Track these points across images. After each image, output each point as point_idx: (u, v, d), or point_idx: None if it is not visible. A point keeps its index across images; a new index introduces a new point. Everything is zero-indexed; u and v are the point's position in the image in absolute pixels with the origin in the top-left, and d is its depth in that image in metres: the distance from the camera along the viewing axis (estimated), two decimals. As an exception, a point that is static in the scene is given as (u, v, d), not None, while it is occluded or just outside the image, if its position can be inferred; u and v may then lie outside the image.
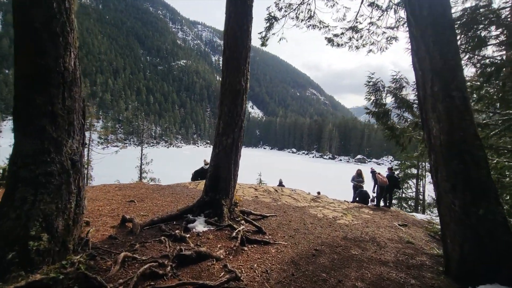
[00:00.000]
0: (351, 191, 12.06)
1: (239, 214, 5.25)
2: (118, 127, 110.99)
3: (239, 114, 4.75)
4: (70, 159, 2.47)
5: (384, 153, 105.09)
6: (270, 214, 6.43)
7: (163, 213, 5.79)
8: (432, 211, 24.45)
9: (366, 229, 6.42)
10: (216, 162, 4.77)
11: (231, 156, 4.79)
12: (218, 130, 4.81)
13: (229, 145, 4.72)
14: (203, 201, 4.77)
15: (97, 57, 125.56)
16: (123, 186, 8.85)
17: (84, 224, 4.24)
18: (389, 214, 8.80)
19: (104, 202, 6.40)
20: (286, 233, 5.35)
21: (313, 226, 6.04)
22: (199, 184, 9.58)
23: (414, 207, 27.08)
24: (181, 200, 7.20)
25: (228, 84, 4.66)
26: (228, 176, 4.82)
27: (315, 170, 66.40)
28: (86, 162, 22.17)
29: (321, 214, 7.27)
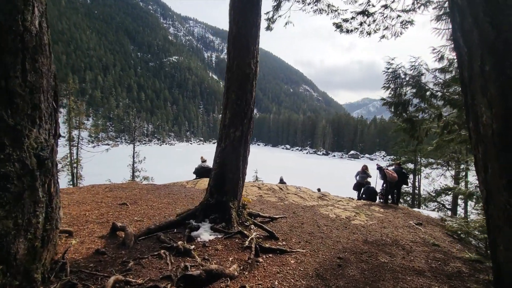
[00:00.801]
0: (347, 187, 11.55)
1: (248, 218, 4.60)
2: (109, 125, 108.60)
3: (249, 102, 4.09)
4: (36, 156, 1.77)
5: (377, 148, 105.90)
6: (279, 216, 5.81)
7: (160, 217, 5.09)
8: (427, 206, 24.29)
9: (384, 231, 5.85)
10: (222, 158, 4.10)
11: (239, 151, 4.12)
12: (224, 122, 4.13)
13: (237, 139, 4.06)
14: (208, 204, 4.10)
15: (86, 53, 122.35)
16: (114, 186, 8.09)
17: (65, 236, 3.54)
18: (400, 212, 8.29)
19: (92, 205, 5.66)
20: (300, 237, 4.73)
21: (328, 229, 5.43)
22: (197, 183, 8.88)
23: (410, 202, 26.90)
24: (179, 202, 6.51)
25: (236, 67, 3.98)
26: (236, 174, 4.16)
27: (308, 167, 66.14)
28: (76, 161, 21.24)
29: (333, 214, 6.67)
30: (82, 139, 23.22)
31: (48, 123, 1.89)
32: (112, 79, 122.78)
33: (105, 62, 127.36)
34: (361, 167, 11.81)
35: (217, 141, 4.34)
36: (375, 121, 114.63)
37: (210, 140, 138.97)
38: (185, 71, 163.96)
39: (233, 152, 4.09)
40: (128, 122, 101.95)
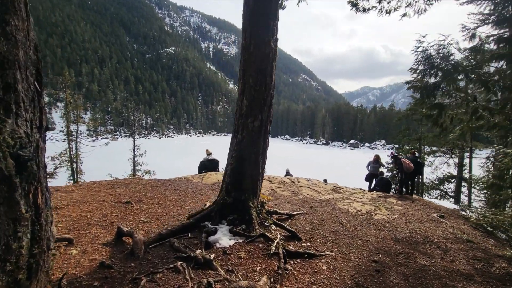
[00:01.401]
0: (348, 176, 11.14)
1: (267, 217, 4.14)
2: (107, 118, 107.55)
3: (269, 87, 3.57)
4: (13, 157, 1.26)
5: (377, 137, 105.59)
6: (297, 212, 5.36)
7: (169, 217, 4.64)
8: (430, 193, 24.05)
9: (410, 226, 5.42)
10: (240, 152, 3.60)
11: (258, 144, 3.63)
12: (240, 110, 3.61)
13: (256, 129, 3.55)
14: (224, 204, 3.63)
15: (81, 46, 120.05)
16: (117, 182, 7.62)
17: (64, 244, 3.07)
18: (418, 204, 7.87)
19: (94, 205, 5.19)
20: (325, 237, 4.29)
21: (352, 226, 4.99)
22: (203, 177, 8.41)
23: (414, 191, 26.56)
24: (188, 198, 6.05)
25: (254, 47, 3.44)
26: (255, 170, 3.68)
27: (308, 157, 65.71)
28: (75, 156, 20.74)
29: (352, 208, 6.23)
30: (81, 134, 22.64)
31: (30, 111, 1.36)
32: (109, 72, 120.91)
33: (101, 55, 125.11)
34: (372, 156, 11.35)
35: (232, 133, 3.84)
36: (375, 110, 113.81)
37: (209, 132, 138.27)
38: (183, 62, 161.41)
39: (252, 145, 3.59)
40: (127, 115, 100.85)
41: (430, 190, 23.47)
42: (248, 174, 3.64)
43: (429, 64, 4.94)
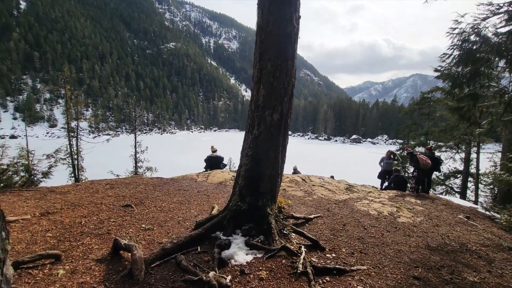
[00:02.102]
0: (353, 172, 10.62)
1: (285, 224, 3.62)
2: (109, 114, 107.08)
3: (290, 73, 3.03)
4: None
5: (379, 132, 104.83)
6: (314, 215, 4.84)
7: (174, 223, 4.13)
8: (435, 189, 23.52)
9: (441, 230, 4.89)
10: (256, 150, 3.07)
11: (278, 140, 3.10)
12: (256, 101, 3.07)
13: (275, 123, 3.02)
14: (238, 211, 3.11)
15: (81, 42, 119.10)
16: (116, 182, 7.12)
17: (49, 262, 2.56)
18: (439, 203, 7.34)
19: (90, 208, 4.69)
20: (350, 246, 3.77)
21: (377, 231, 4.47)
22: (209, 175, 7.90)
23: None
24: (193, 200, 5.54)
25: (273, 26, 2.89)
26: (274, 171, 3.15)
27: (311, 153, 65.06)
28: (76, 152, 20.32)
29: (373, 210, 5.71)
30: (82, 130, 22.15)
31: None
32: (110, 68, 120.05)
33: (101, 51, 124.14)
34: (385, 152, 10.81)
35: (246, 127, 3.30)
36: (377, 105, 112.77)
37: (211, 128, 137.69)
38: (183, 57, 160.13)
39: (270, 142, 3.06)
40: (128, 111, 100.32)
41: (435, 186, 22.94)
42: (266, 175, 3.11)
43: (466, 48, 4.35)
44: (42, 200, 5.16)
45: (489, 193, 22.59)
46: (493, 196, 21.62)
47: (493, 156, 21.99)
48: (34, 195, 5.48)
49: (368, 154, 69.72)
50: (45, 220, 4.03)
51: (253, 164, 3.11)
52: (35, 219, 4.08)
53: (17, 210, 4.47)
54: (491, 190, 22.62)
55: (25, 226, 3.76)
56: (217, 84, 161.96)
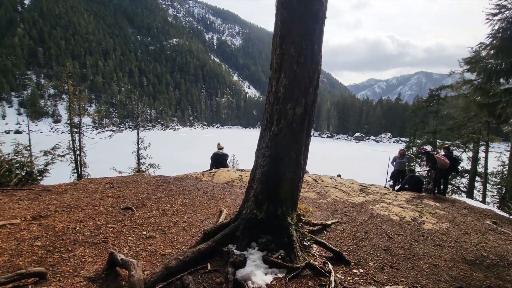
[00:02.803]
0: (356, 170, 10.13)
1: (305, 233, 3.18)
2: (112, 110, 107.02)
3: (316, 59, 2.57)
4: None
5: (383, 130, 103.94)
6: (331, 221, 4.40)
7: (178, 230, 3.70)
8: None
9: (472, 239, 4.43)
10: (275, 150, 2.62)
11: (300, 138, 2.65)
12: (275, 93, 2.61)
13: (298, 119, 2.57)
14: (254, 220, 2.67)
15: (85, 38, 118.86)
16: (117, 181, 6.72)
17: (32, 282, 2.14)
18: (460, 207, 6.87)
19: (87, 211, 4.28)
20: (378, 258, 3.32)
21: (404, 241, 4.01)
22: (214, 174, 7.47)
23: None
24: (199, 202, 5.11)
25: (297, 2, 2.42)
26: (296, 174, 2.70)
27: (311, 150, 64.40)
28: (78, 148, 20.08)
29: (394, 215, 5.25)
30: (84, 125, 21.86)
31: None
32: (113, 64, 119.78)
33: (104, 47, 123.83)
34: (398, 151, 10.31)
35: (262, 124, 2.85)
36: (381, 102, 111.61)
37: (214, 125, 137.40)
38: (186, 54, 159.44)
39: (292, 140, 2.61)
40: (131, 107, 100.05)
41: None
42: (286, 179, 2.67)
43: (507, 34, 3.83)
44: (36, 200, 4.77)
45: (496, 193, 22.04)
46: (500, 196, 21.09)
47: (501, 155, 21.41)
48: (28, 195, 5.08)
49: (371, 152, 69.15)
50: (36, 225, 3.63)
51: (271, 165, 2.66)
52: (25, 223, 3.68)
53: (7, 213, 4.08)
54: (498, 190, 22.06)
55: (13, 233, 3.36)
56: (220, 81, 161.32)
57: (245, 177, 7.11)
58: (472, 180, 21.17)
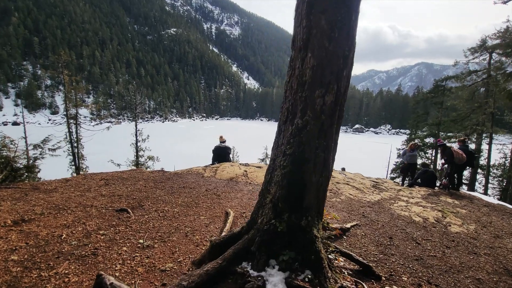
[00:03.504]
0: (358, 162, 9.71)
1: (328, 243, 2.71)
2: (110, 102, 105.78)
3: (353, 34, 2.04)
4: None
5: (382, 121, 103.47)
6: (350, 224, 3.94)
7: (180, 237, 3.23)
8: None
9: (506, 244, 3.99)
10: (299, 148, 2.11)
11: (330, 133, 2.14)
12: (300, 76, 2.09)
13: (328, 109, 2.06)
14: (272, 232, 2.20)
15: (81, 27, 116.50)
16: (112, 177, 6.24)
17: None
18: (479, 204, 6.44)
19: (77, 214, 3.81)
20: (410, 271, 2.87)
21: (434, 247, 3.56)
22: (217, 169, 6.99)
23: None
24: (202, 202, 4.64)
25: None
26: (324, 176, 2.22)
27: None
28: (75, 140, 19.58)
29: (415, 215, 4.80)
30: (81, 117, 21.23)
31: None
32: (110, 54, 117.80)
33: (101, 36, 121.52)
34: (408, 145, 9.83)
35: (282, 115, 2.34)
36: (381, 94, 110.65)
37: (213, 116, 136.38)
38: (185, 44, 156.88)
39: (321, 135, 2.11)
40: (129, 98, 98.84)
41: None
42: (312, 183, 2.19)
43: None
44: (21, 201, 4.29)
45: (497, 185, 21.77)
46: (501, 189, 20.81)
47: (503, 147, 21.00)
48: (12, 194, 4.60)
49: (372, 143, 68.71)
50: (16, 232, 3.15)
51: (294, 167, 2.17)
52: (3, 230, 3.20)
53: (-15, 216, 3.60)
54: (499, 182, 21.77)
55: (-13, 242, 2.89)
56: (218, 72, 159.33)
57: (250, 173, 6.64)
58: (474, 173, 20.83)
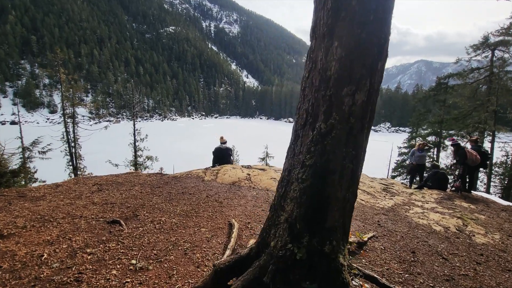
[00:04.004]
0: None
1: (351, 264, 2.32)
2: (109, 100, 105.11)
3: (389, 17, 1.65)
4: None
5: (382, 119, 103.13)
6: (367, 236, 3.55)
7: (179, 255, 2.84)
8: None
9: (540, 257, 3.61)
10: (322, 157, 1.72)
11: (360, 141, 1.75)
12: (323, 70, 1.68)
13: (358, 111, 1.66)
14: (289, 258, 1.81)
15: (79, 25, 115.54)
16: (106, 181, 5.84)
17: None
18: (497, 208, 6.06)
19: (63, 227, 3.42)
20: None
21: (463, 263, 3.18)
22: (218, 172, 6.59)
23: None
24: (202, 210, 4.25)
25: None
26: (351, 191, 1.82)
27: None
28: (73, 140, 19.18)
29: (435, 223, 4.42)
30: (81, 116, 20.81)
31: None
32: (109, 53, 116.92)
33: (99, 35, 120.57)
34: (417, 144, 9.45)
35: (299, 118, 1.95)
36: (380, 92, 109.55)
37: (212, 115, 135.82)
38: (183, 42, 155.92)
39: (349, 143, 1.72)
40: (128, 97, 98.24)
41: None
42: (337, 199, 1.80)
43: None
44: (3, 211, 3.89)
45: (499, 183, 21.46)
46: (503, 187, 20.51)
47: (505, 145, 20.68)
48: (-5, 203, 4.21)
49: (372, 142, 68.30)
50: (-9, 251, 2.76)
51: (316, 180, 1.78)
52: (-23, 249, 2.81)
53: (-40, 231, 3.20)
54: (501, 180, 21.46)
55: (-46, 266, 2.49)
56: (217, 70, 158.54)
57: (253, 176, 6.24)
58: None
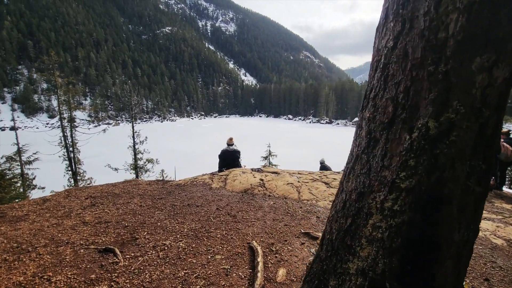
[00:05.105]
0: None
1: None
2: (108, 103, 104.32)
3: None
4: None
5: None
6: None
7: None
8: None
9: None
10: (429, 175, 1.03)
11: (494, 144, 1.08)
12: (434, 32, 0.99)
13: (493, 96, 0.97)
14: None
15: (75, 29, 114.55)
16: (101, 192, 5.14)
17: None
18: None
19: (43, 259, 2.72)
20: None
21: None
22: (227, 179, 5.87)
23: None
24: (214, 228, 3.54)
25: None
26: (472, 229, 1.14)
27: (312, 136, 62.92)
28: (71, 144, 18.50)
29: (492, 235, 3.71)
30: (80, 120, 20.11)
31: None
32: (106, 55, 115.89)
33: (96, 38, 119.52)
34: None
35: (373, 112, 1.24)
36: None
37: (211, 114, 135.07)
38: (180, 42, 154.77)
39: (477, 150, 1.02)
40: (126, 99, 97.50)
41: None
42: (452, 243, 1.10)
43: None
44: (-28, 239, 3.19)
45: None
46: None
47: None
48: (-34, 228, 3.50)
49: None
50: None
51: (418, 213, 1.08)
52: None
53: None
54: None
55: None
56: (215, 69, 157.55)
57: (267, 182, 5.52)
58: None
